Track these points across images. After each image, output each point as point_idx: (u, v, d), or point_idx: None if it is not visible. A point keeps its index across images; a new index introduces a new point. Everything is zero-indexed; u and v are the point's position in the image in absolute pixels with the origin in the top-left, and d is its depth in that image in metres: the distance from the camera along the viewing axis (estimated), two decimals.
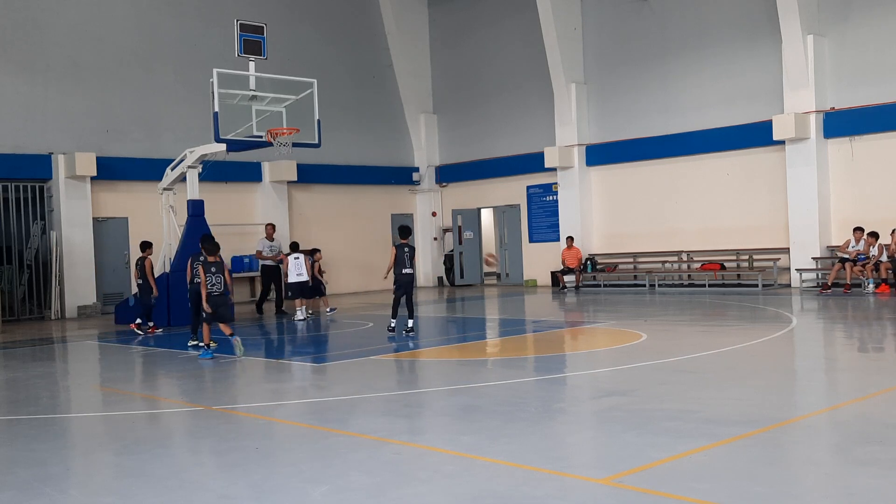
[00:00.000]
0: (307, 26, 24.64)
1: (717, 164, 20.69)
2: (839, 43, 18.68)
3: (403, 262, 12.65)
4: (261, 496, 4.93)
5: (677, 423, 6.32)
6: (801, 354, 10.44)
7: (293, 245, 17.65)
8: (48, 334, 16.09)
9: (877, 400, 6.98)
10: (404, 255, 12.66)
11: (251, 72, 15.20)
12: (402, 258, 12.65)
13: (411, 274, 12.79)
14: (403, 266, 12.64)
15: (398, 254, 12.66)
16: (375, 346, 12.20)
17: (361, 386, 8.82)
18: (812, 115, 18.57)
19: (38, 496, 5.12)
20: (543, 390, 8.19)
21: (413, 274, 12.93)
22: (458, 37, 26.68)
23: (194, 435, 6.95)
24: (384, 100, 26.67)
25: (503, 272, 26.55)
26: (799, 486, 4.88)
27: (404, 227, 13.26)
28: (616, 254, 22.75)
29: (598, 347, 11.32)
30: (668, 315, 14.78)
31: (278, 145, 15.06)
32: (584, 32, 23.07)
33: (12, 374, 10.63)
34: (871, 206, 18.09)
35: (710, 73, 20.73)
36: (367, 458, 5.68)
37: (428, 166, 27.18)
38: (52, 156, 19.70)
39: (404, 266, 12.65)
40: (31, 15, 19.87)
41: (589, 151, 23.07)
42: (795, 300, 16.44)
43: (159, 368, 11.07)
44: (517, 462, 5.41)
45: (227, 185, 22.14)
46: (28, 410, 8.19)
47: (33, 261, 19.86)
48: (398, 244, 12.87)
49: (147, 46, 21.53)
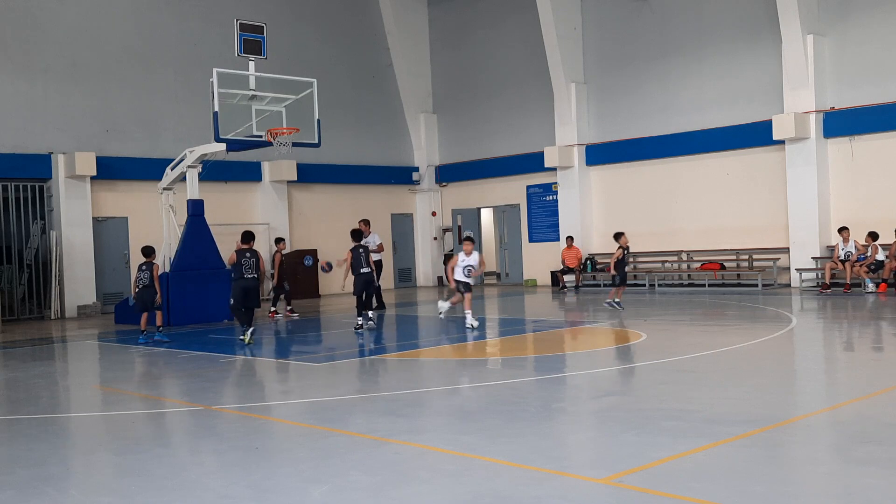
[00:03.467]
0: (307, 26, 24.64)
1: (717, 164, 20.69)
2: (839, 43, 18.68)
3: (360, 263, 13.58)
4: (261, 496, 4.93)
5: (677, 423, 6.32)
6: (800, 354, 10.43)
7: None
8: (48, 334, 16.09)
9: (877, 400, 6.98)
10: (359, 255, 13.61)
11: (251, 71, 15.20)
12: (358, 259, 13.58)
13: (369, 272, 13.64)
14: (360, 266, 13.57)
15: (354, 256, 13.60)
16: (375, 345, 12.21)
17: (361, 386, 8.83)
18: (812, 115, 18.57)
19: (38, 496, 5.12)
20: (543, 390, 8.18)
21: (370, 272, 13.73)
22: (458, 37, 26.68)
23: (194, 435, 6.94)
24: (384, 100, 26.67)
25: (503, 272, 26.54)
26: (799, 486, 4.88)
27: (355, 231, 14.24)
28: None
29: (598, 347, 11.32)
30: (668, 315, 14.78)
31: (278, 145, 15.06)
32: (584, 32, 23.07)
33: (12, 374, 10.63)
34: (870, 206, 18.09)
35: (710, 73, 20.73)
36: (366, 457, 5.68)
37: (428, 166, 27.19)
38: (52, 155, 19.71)
39: (361, 266, 13.57)
40: (30, 15, 19.88)
41: (589, 151, 23.07)
42: (795, 300, 16.44)
43: (159, 368, 11.06)
44: (517, 462, 5.40)
45: (227, 184, 22.14)
46: (28, 410, 8.19)
47: (33, 260, 19.86)
48: (352, 247, 13.72)
49: (147, 46, 21.53)
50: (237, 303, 12.38)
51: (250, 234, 12.78)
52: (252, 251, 12.42)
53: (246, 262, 12.25)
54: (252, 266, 12.29)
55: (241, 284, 12.26)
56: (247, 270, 12.24)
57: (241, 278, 12.25)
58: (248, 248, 12.41)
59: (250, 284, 12.31)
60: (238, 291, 12.30)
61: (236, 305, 12.43)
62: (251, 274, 12.26)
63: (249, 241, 12.57)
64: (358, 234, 14.16)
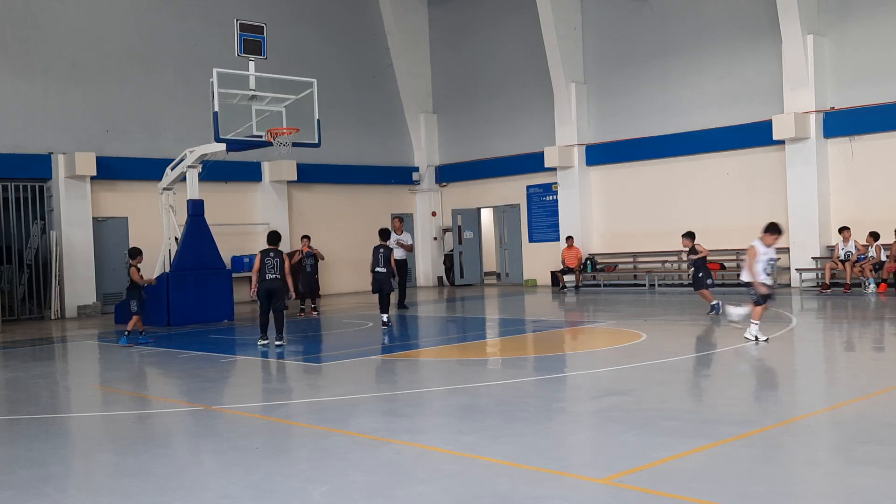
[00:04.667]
0: (307, 26, 24.64)
1: (717, 164, 20.68)
2: (839, 43, 18.67)
3: (377, 262, 14.05)
4: (261, 496, 4.93)
5: (677, 423, 6.32)
6: (801, 354, 10.43)
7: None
8: (48, 334, 16.09)
9: (877, 400, 6.98)
10: (378, 255, 14.04)
11: (251, 72, 15.19)
12: (376, 258, 14.05)
13: (384, 272, 14.02)
14: (376, 265, 14.07)
15: (373, 255, 14.11)
16: (375, 345, 12.20)
17: (361, 386, 8.83)
18: (812, 115, 18.57)
19: (38, 496, 5.12)
20: (543, 390, 8.18)
21: (385, 272, 14.07)
22: (458, 37, 26.68)
23: (194, 435, 6.94)
24: (384, 100, 26.67)
25: (503, 272, 26.54)
26: (799, 486, 4.88)
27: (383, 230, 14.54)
28: (616, 253, 22.75)
29: (598, 347, 11.32)
30: (668, 315, 14.78)
31: (278, 145, 15.05)
32: (584, 32, 23.06)
33: (12, 374, 10.63)
34: (871, 206, 18.08)
35: (710, 73, 20.72)
36: (366, 457, 5.68)
37: (428, 166, 27.18)
38: (52, 155, 19.70)
39: (377, 265, 14.06)
40: (30, 15, 19.88)
41: (589, 151, 23.07)
42: (795, 300, 16.43)
43: (159, 368, 11.06)
44: (517, 462, 5.40)
45: (227, 184, 22.14)
46: (28, 410, 8.19)
47: (33, 261, 19.85)
48: (376, 245, 14.20)
49: (147, 46, 21.52)
50: (262, 305, 12.08)
51: (276, 234, 12.47)
52: (277, 251, 12.09)
53: (269, 261, 11.93)
54: (276, 267, 11.94)
55: (264, 286, 11.90)
56: (269, 271, 11.92)
57: (263, 280, 11.91)
58: (273, 249, 12.09)
59: (272, 286, 11.91)
60: (261, 293, 11.93)
61: (261, 309, 12.14)
62: (273, 275, 11.91)
63: (275, 241, 12.25)
64: (385, 234, 14.38)
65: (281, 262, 12.06)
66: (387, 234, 14.40)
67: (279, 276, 11.97)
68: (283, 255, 12.26)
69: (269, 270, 11.93)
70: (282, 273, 12.03)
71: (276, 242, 12.28)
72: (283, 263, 12.16)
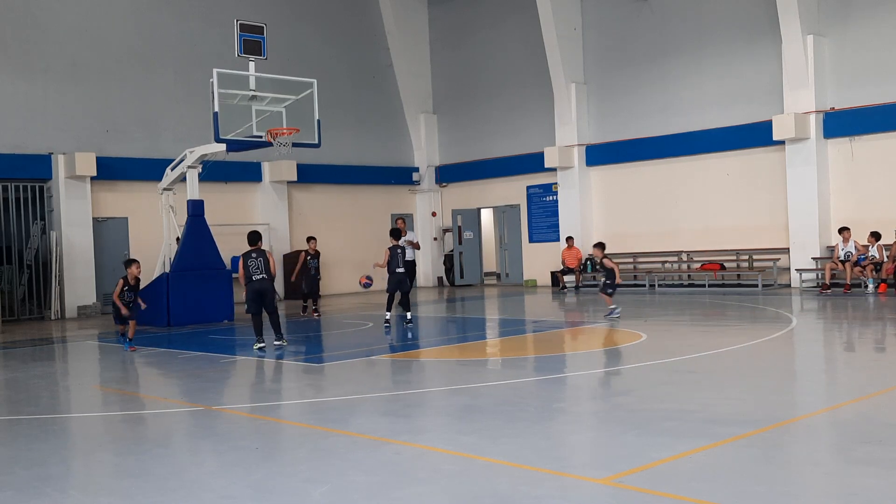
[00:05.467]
0: (307, 26, 24.64)
1: (717, 164, 20.68)
2: (839, 43, 18.68)
3: (396, 263, 13.76)
4: (261, 496, 4.93)
5: (677, 423, 6.32)
6: (800, 354, 10.43)
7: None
8: (48, 334, 16.09)
9: (877, 400, 6.98)
10: (397, 255, 13.79)
11: (251, 72, 15.19)
12: (395, 258, 13.78)
13: (402, 273, 13.81)
14: (396, 266, 13.75)
15: (391, 255, 13.80)
16: (375, 346, 12.20)
17: (361, 386, 8.82)
18: (812, 115, 18.57)
19: (38, 496, 5.12)
20: (543, 390, 8.18)
21: (404, 273, 13.88)
22: (458, 37, 26.68)
23: (194, 435, 6.94)
24: (384, 100, 26.67)
25: (503, 272, 26.54)
26: (799, 486, 4.88)
27: (395, 230, 14.42)
28: (616, 254, 22.68)
29: (598, 347, 11.32)
30: (668, 315, 14.78)
31: (278, 145, 15.05)
32: (584, 32, 23.06)
33: (12, 374, 10.63)
34: (871, 206, 18.09)
35: (710, 73, 20.73)
36: (367, 458, 5.68)
37: (428, 166, 27.18)
38: (52, 156, 19.71)
39: (396, 266, 13.75)
40: (30, 15, 19.88)
41: (589, 151, 23.07)
42: (795, 300, 16.44)
43: (159, 368, 11.07)
44: (517, 462, 5.40)
45: (227, 185, 22.15)
46: (28, 410, 8.19)
47: (33, 261, 19.86)
48: (391, 246, 13.94)
49: (147, 46, 21.53)
50: (252, 307, 11.83)
51: (255, 234, 12.17)
52: (259, 251, 11.86)
53: (253, 262, 11.71)
54: (261, 267, 11.73)
55: (251, 287, 11.71)
56: (255, 272, 11.70)
57: (250, 281, 11.70)
58: (255, 249, 11.87)
59: (261, 286, 11.72)
60: (250, 295, 11.75)
61: (252, 310, 11.87)
62: (259, 275, 11.70)
63: (255, 241, 11.99)
64: (397, 233, 14.27)
65: (265, 262, 11.80)
66: (398, 234, 14.29)
67: (266, 276, 11.77)
68: (266, 253, 11.96)
69: (255, 272, 11.70)
70: (268, 272, 11.79)
71: (257, 242, 12.01)
72: (268, 262, 11.86)
